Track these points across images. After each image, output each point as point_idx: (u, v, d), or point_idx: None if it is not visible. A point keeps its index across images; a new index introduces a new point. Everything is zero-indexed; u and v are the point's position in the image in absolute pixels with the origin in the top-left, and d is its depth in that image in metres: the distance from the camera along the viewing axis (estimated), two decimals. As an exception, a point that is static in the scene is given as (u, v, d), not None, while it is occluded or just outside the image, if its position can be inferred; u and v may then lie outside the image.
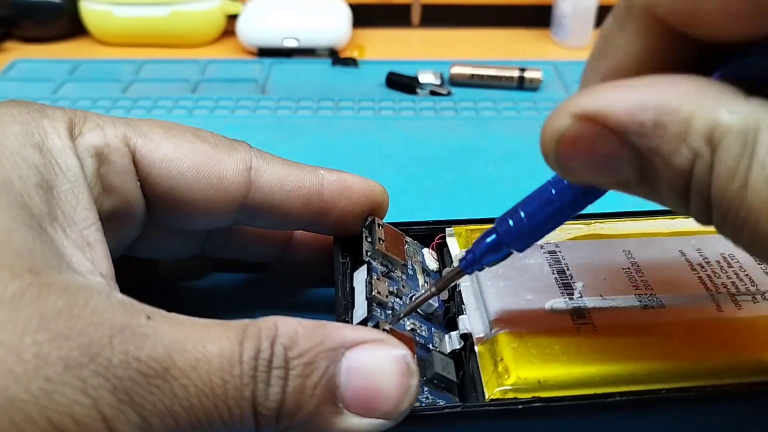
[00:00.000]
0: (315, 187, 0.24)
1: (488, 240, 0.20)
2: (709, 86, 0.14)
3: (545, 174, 0.18)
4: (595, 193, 0.18)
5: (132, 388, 0.16)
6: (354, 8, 0.56)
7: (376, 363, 0.18)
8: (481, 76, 0.48)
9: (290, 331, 0.18)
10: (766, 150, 0.13)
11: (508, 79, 0.48)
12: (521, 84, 0.48)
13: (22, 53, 0.53)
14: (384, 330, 0.20)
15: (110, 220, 0.21)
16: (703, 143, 0.14)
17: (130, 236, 0.23)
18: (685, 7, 0.14)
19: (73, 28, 0.55)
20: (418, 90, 0.48)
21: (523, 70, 0.48)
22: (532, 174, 0.24)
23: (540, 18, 0.59)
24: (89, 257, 0.19)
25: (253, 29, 0.53)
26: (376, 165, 0.39)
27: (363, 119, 0.45)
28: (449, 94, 0.48)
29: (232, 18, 0.55)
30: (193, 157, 0.22)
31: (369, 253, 0.24)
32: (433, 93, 0.48)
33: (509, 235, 0.20)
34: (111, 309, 0.17)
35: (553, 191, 0.19)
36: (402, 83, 0.48)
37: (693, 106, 0.14)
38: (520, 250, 0.20)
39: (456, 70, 0.49)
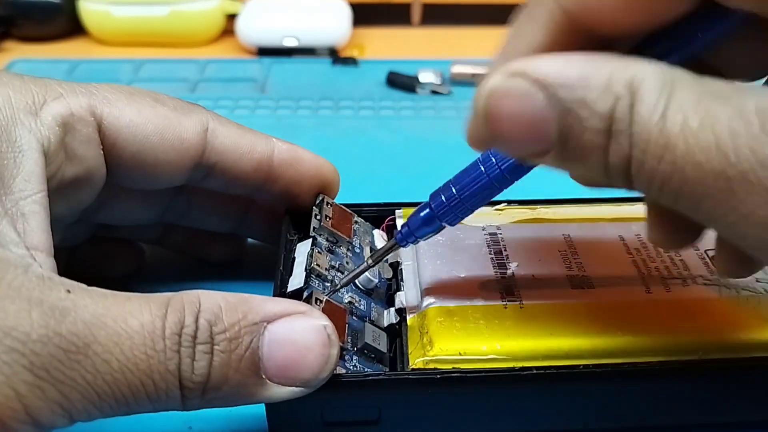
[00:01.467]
0: (266, 153, 0.25)
1: (422, 214, 0.22)
2: (628, 56, 0.16)
3: (546, 174, 0.18)
4: (521, 170, 0.20)
5: (51, 363, 0.16)
6: (354, 7, 0.56)
7: (297, 334, 0.19)
8: (482, 76, 0.48)
9: (214, 306, 0.18)
10: (685, 96, 0.14)
11: (509, 78, 0.48)
12: (522, 83, 0.48)
13: (20, 53, 0.53)
14: (318, 300, 0.21)
15: (70, 186, 0.22)
16: (623, 88, 0.15)
17: (86, 202, 0.24)
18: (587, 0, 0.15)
19: (72, 27, 0.55)
20: (419, 89, 0.48)
21: (524, 69, 0.48)
22: (532, 173, 0.24)
23: (541, 17, 0.59)
24: (19, 229, 0.18)
25: (253, 28, 0.53)
26: (376, 165, 0.39)
27: (363, 119, 0.44)
28: (450, 93, 0.48)
29: (232, 17, 0.55)
30: (156, 121, 0.23)
31: (315, 229, 0.25)
32: (433, 92, 0.47)
33: (441, 209, 0.22)
34: (28, 283, 0.17)
35: (482, 168, 0.20)
36: (402, 82, 0.48)
37: (614, 63, 0.15)
38: (452, 224, 0.22)
39: (457, 69, 0.48)
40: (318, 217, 0.25)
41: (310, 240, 0.24)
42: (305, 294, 0.22)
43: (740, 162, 0.13)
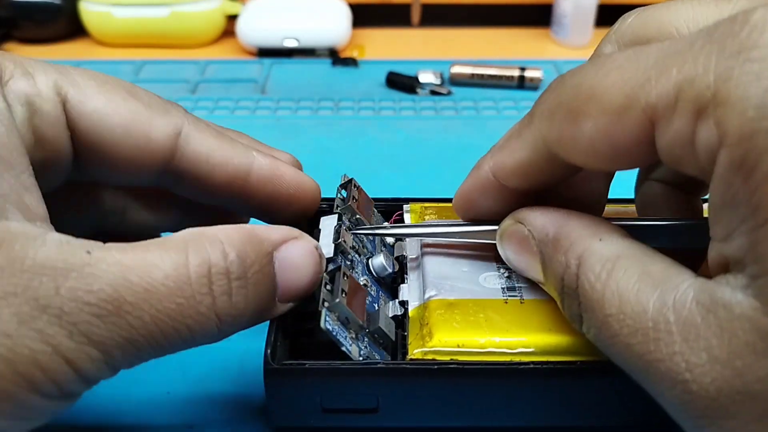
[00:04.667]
0: (243, 167, 0.24)
1: None
2: (600, 223, 0.19)
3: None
4: None
5: (88, 329, 0.17)
6: (354, 8, 0.56)
7: (298, 258, 0.20)
8: (482, 76, 0.48)
9: (236, 241, 0.19)
10: (622, 277, 0.17)
11: (509, 78, 0.48)
12: (522, 83, 0.48)
13: (21, 54, 0.53)
14: (345, 275, 0.21)
15: (38, 169, 0.21)
16: (573, 259, 0.19)
17: (53, 187, 0.23)
18: (565, 141, 0.18)
19: (73, 29, 0.55)
20: (419, 90, 0.48)
21: (523, 69, 0.48)
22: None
23: (540, 17, 0.59)
24: (27, 201, 0.19)
25: (253, 29, 0.53)
26: (376, 165, 0.39)
27: (363, 119, 0.45)
28: (449, 93, 0.48)
29: (232, 18, 0.55)
30: (124, 114, 0.22)
31: (339, 207, 0.25)
32: (433, 93, 0.48)
33: None
34: (50, 253, 0.17)
35: None
36: (402, 83, 0.48)
37: (579, 233, 0.19)
38: None
39: (456, 69, 0.49)
40: (343, 197, 0.26)
41: (336, 216, 0.25)
42: (331, 266, 0.22)
43: (659, 350, 0.16)
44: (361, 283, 0.23)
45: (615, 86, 0.17)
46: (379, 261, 0.24)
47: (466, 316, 0.21)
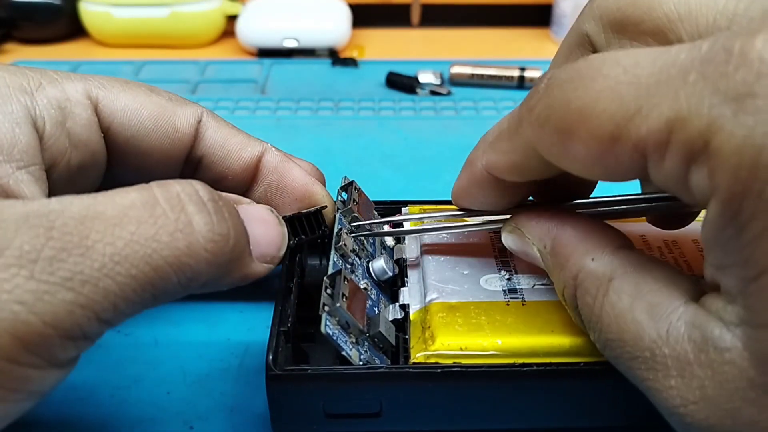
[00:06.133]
0: (256, 154, 0.25)
1: None
2: (592, 234, 0.20)
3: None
4: None
5: (52, 266, 0.15)
6: (354, 8, 0.56)
7: (263, 212, 0.21)
8: (481, 76, 0.48)
9: (203, 184, 0.19)
10: (615, 292, 0.18)
11: (509, 78, 0.48)
12: (521, 83, 0.48)
13: (22, 55, 0.53)
14: (346, 279, 0.21)
15: (78, 173, 0.22)
16: (570, 279, 0.19)
17: (91, 189, 0.23)
18: (556, 155, 0.18)
19: (73, 29, 0.55)
20: (418, 90, 0.48)
21: (523, 69, 0.48)
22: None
23: (540, 17, 0.59)
24: (16, 192, 0.19)
25: (253, 30, 0.53)
26: (376, 165, 0.39)
27: (363, 119, 0.45)
28: (449, 93, 0.48)
29: (232, 19, 0.55)
30: (151, 107, 0.23)
31: (340, 210, 0.25)
32: (433, 93, 0.48)
33: None
34: (10, 206, 0.16)
35: None
36: (402, 83, 0.48)
37: (572, 249, 0.19)
38: None
39: (456, 69, 0.49)
40: (343, 200, 0.26)
41: (338, 216, 0.25)
42: (331, 270, 0.22)
43: (657, 380, 0.17)
44: (362, 287, 0.23)
45: (605, 113, 0.16)
46: (379, 264, 0.24)
47: (468, 319, 0.21)
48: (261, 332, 0.26)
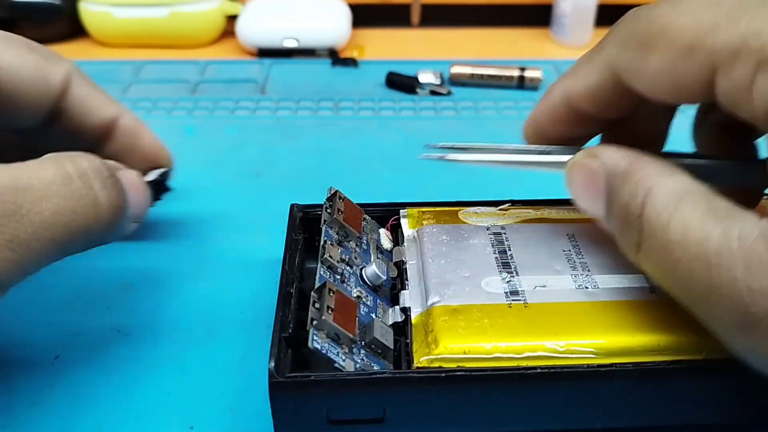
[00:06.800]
0: (112, 114, 0.28)
1: None
2: (667, 163, 0.20)
3: (549, 175, 0.22)
4: None
5: (10, 238, 0.20)
6: (354, 8, 0.56)
7: (133, 181, 0.25)
8: (481, 76, 0.48)
9: (95, 156, 0.23)
10: (689, 211, 0.18)
11: (509, 78, 0.48)
12: (521, 83, 0.48)
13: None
14: (331, 291, 0.22)
15: None
16: (642, 190, 0.19)
17: None
18: (632, 69, 0.20)
19: (73, 29, 0.55)
20: (418, 90, 0.48)
21: (523, 69, 0.48)
22: (532, 173, 0.24)
23: (540, 17, 0.59)
24: None
25: (253, 30, 0.53)
26: (376, 165, 0.39)
27: (363, 119, 0.45)
28: (449, 93, 0.48)
29: (232, 18, 0.55)
30: (30, 66, 0.26)
31: (326, 221, 0.25)
32: (433, 93, 0.48)
33: None
34: None
35: None
36: (402, 83, 0.48)
37: (647, 169, 0.20)
38: None
39: (456, 69, 0.49)
40: (329, 210, 0.26)
41: (323, 229, 0.25)
42: (317, 284, 0.22)
43: (720, 275, 0.17)
44: (355, 295, 0.23)
45: (686, 27, 0.18)
46: (371, 270, 0.24)
47: (471, 322, 0.21)
48: (261, 332, 0.26)
